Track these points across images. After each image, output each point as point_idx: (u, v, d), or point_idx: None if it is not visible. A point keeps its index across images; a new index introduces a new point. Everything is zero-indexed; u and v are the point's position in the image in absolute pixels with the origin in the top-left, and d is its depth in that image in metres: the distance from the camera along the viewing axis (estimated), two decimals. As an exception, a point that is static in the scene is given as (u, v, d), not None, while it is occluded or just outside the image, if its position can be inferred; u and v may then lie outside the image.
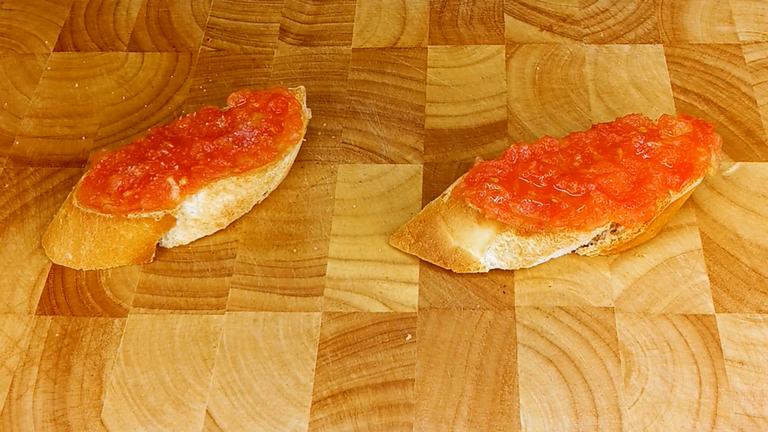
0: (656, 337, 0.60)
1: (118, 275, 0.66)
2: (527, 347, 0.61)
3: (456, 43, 0.79)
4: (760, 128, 0.72)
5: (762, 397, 0.58)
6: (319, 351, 0.61)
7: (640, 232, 0.63)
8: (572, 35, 0.79)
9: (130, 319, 0.63)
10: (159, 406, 0.59)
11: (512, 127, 0.73)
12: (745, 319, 0.61)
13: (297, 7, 0.83)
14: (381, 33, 0.81)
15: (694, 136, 0.64)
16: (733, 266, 0.64)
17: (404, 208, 0.68)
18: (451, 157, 0.71)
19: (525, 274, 0.64)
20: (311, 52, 0.80)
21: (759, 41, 0.78)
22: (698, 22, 0.80)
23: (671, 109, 0.73)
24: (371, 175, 0.70)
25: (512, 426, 0.57)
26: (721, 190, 0.68)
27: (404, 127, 0.73)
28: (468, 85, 0.76)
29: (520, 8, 0.82)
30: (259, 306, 0.63)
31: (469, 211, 0.63)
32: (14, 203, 0.70)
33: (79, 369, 0.61)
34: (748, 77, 0.75)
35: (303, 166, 0.71)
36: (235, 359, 0.61)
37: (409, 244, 0.65)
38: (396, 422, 0.58)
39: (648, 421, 0.57)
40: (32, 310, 0.64)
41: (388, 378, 0.60)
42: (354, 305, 0.63)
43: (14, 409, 0.59)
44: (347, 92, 0.76)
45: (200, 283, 0.65)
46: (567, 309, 0.62)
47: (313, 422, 0.58)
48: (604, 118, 0.73)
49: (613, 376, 0.59)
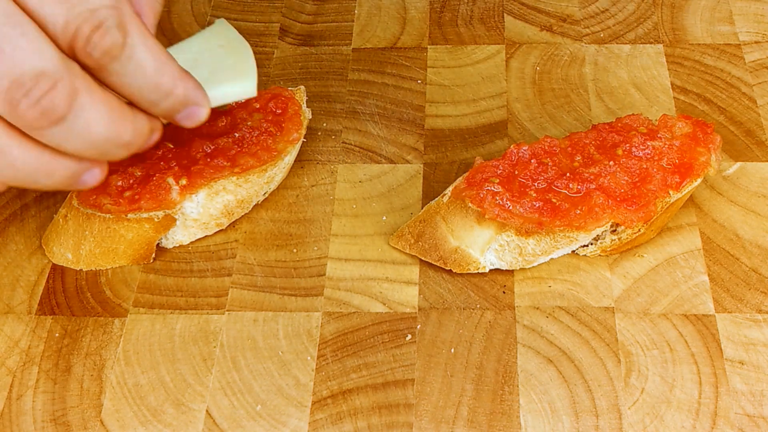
0: (656, 337, 0.60)
1: (118, 275, 0.66)
2: (527, 347, 0.61)
3: (456, 43, 0.79)
4: (760, 128, 0.72)
5: (762, 397, 0.58)
6: (319, 351, 0.61)
7: (640, 232, 0.63)
8: (572, 35, 0.79)
9: (130, 319, 0.63)
10: (159, 406, 0.59)
11: (512, 127, 0.73)
12: (745, 319, 0.61)
13: (297, 7, 0.83)
14: (381, 33, 0.81)
15: (694, 136, 0.64)
16: (733, 266, 0.64)
17: (404, 208, 0.68)
18: (451, 157, 0.71)
19: (525, 274, 0.64)
20: (311, 52, 0.80)
21: (759, 41, 0.78)
22: (698, 22, 0.80)
23: (671, 109, 0.73)
24: (371, 175, 0.70)
25: (512, 426, 0.57)
26: (721, 190, 0.68)
27: (404, 127, 0.73)
28: (468, 85, 0.76)
29: (520, 8, 0.82)
30: (259, 306, 0.63)
31: (469, 211, 0.63)
32: (14, 203, 0.70)
33: (79, 369, 0.61)
34: (748, 77, 0.75)
35: (303, 166, 0.71)
36: (235, 359, 0.61)
37: (409, 244, 0.65)
38: (396, 422, 0.58)
39: (648, 421, 0.57)
40: (32, 310, 0.64)
41: (388, 378, 0.60)
42: (354, 305, 0.63)
43: (14, 409, 0.59)
44: (347, 92, 0.76)
45: (200, 283, 0.65)
46: (567, 309, 0.62)
47: (313, 422, 0.58)
48: (604, 118, 0.73)
49: (613, 376, 0.59)
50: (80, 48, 0.49)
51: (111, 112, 0.50)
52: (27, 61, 0.47)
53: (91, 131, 0.50)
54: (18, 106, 0.47)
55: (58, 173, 0.52)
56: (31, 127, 0.49)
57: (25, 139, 0.50)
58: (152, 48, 0.51)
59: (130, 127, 0.52)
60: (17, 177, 0.51)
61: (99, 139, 0.50)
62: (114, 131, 0.51)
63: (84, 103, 0.49)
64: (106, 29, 0.49)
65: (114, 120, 0.50)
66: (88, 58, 0.49)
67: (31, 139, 0.50)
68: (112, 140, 0.51)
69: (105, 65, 0.50)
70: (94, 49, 0.49)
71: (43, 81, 0.47)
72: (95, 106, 0.49)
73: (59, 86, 0.48)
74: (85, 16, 0.48)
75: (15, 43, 0.47)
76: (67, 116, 0.49)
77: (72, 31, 0.48)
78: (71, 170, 0.52)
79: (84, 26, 0.48)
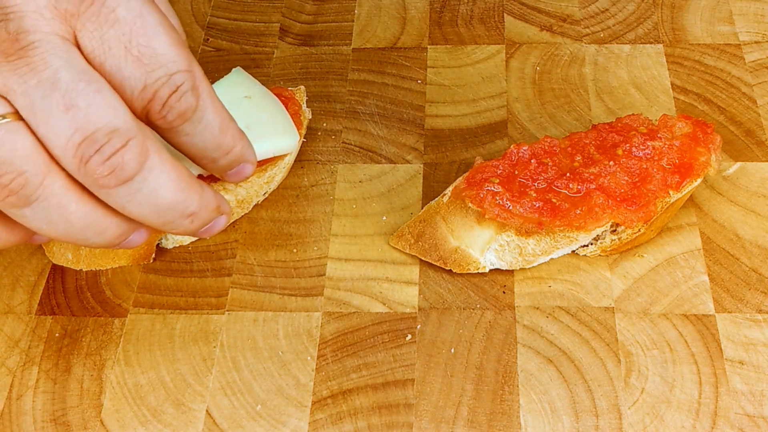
0: (656, 337, 0.60)
1: (118, 275, 0.66)
2: (527, 347, 0.61)
3: (456, 43, 0.79)
4: (760, 128, 0.72)
5: (762, 397, 0.58)
6: (319, 351, 0.61)
7: (640, 232, 0.63)
8: (572, 35, 0.79)
9: (130, 319, 0.63)
10: (159, 406, 0.59)
11: (512, 127, 0.73)
12: (745, 319, 0.61)
13: (297, 7, 0.83)
14: (381, 33, 0.81)
15: (694, 136, 0.64)
16: (733, 266, 0.64)
17: (404, 208, 0.68)
18: (451, 157, 0.71)
19: (525, 274, 0.64)
20: (311, 52, 0.80)
21: (759, 41, 0.78)
22: (698, 22, 0.80)
23: (671, 109, 0.73)
24: (371, 175, 0.70)
25: (512, 426, 0.57)
26: (721, 190, 0.68)
27: (404, 127, 0.73)
28: (468, 85, 0.76)
29: (520, 8, 0.82)
30: (259, 306, 0.63)
31: (469, 211, 0.63)
32: (14, 203, 0.70)
33: (79, 369, 0.61)
34: (748, 77, 0.75)
35: (303, 166, 0.71)
36: (235, 359, 0.61)
37: (409, 244, 0.65)
38: (396, 422, 0.58)
39: (648, 421, 0.57)
40: (32, 310, 0.64)
41: (388, 378, 0.60)
42: (354, 305, 0.63)
43: (14, 409, 0.59)
44: (347, 92, 0.76)
45: (200, 283, 0.65)
46: (567, 309, 0.62)
47: (313, 422, 0.58)
48: (604, 118, 0.73)
49: (613, 376, 0.59)
50: (156, 111, 0.49)
51: (180, 179, 0.50)
52: (101, 118, 0.47)
53: (158, 195, 0.49)
54: (88, 162, 0.47)
55: (109, 231, 0.51)
56: (98, 185, 0.48)
57: (85, 196, 0.49)
58: (218, 109, 0.52)
59: (197, 199, 0.51)
60: (69, 232, 0.50)
61: (165, 204, 0.50)
62: (181, 199, 0.50)
63: (154, 166, 0.49)
64: (182, 93, 0.49)
65: (182, 188, 0.50)
66: (163, 120, 0.50)
67: (91, 197, 0.49)
68: (177, 208, 0.50)
69: (176, 126, 0.50)
70: (170, 111, 0.50)
71: (116, 138, 0.47)
72: (165, 170, 0.49)
73: (131, 144, 0.47)
74: (164, 81, 0.49)
75: (90, 100, 0.47)
76: (136, 177, 0.48)
77: (150, 95, 0.49)
78: (122, 229, 0.51)
79: (162, 90, 0.49)
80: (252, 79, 0.67)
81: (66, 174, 0.48)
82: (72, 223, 0.49)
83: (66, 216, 0.49)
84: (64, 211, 0.49)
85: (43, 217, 0.49)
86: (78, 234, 0.50)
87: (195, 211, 0.52)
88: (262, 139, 0.64)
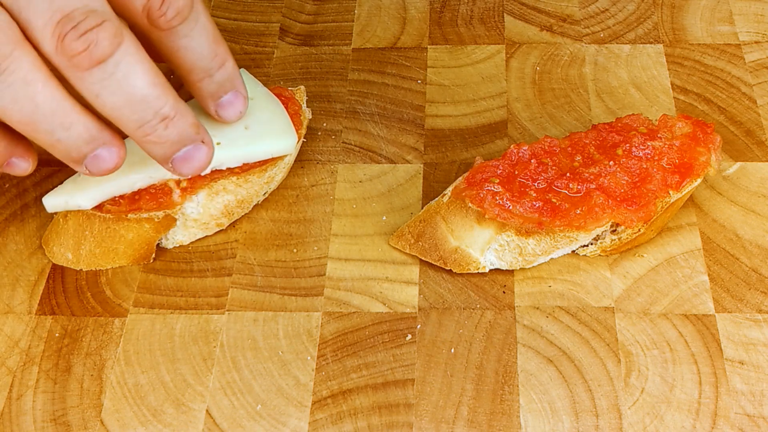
0: (656, 337, 0.60)
1: (118, 275, 0.66)
2: (527, 347, 0.61)
3: (456, 43, 0.79)
4: (760, 128, 0.72)
5: (762, 397, 0.58)
6: (319, 351, 0.61)
7: (640, 232, 0.63)
8: (572, 35, 0.79)
9: (130, 319, 0.63)
10: (159, 406, 0.59)
11: (512, 127, 0.73)
12: (745, 319, 0.61)
13: (297, 7, 0.83)
14: (381, 33, 0.81)
15: (694, 136, 0.64)
16: (733, 266, 0.64)
17: (404, 208, 0.68)
18: (451, 157, 0.71)
19: (525, 274, 0.64)
20: (311, 52, 0.80)
21: (759, 41, 0.78)
22: (698, 22, 0.80)
23: (671, 109, 0.73)
24: (371, 175, 0.70)
25: (512, 426, 0.57)
26: (721, 190, 0.68)
27: (404, 127, 0.73)
28: (468, 85, 0.76)
29: (520, 8, 0.82)
30: (259, 306, 0.63)
31: (469, 211, 0.63)
32: (14, 203, 0.70)
33: (79, 369, 0.61)
34: (748, 77, 0.75)
35: (303, 166, 0.71)
36: (235, 359, 0.61)
37: (409, 244, 0.65)
38: (396, 422, 0.58)
39: (648, 421, 0.57)
40: (32, 310, 0.64)
41: (388, 378, 0.60)
42: (354, 305, 0.63)
43: (14, 409, 0.59)
44: (347, 92, 0.76)
45: (200, 283, 0.65)
46: (567, 309, 0.62)
47: (313, 422, 0.58)
48: (604, 118, 0.73)
49: (613, 376, 0.59)
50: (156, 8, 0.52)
51: (154, 74, 0.52)
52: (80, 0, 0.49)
53: (130, 83, 0.51)
54: (65, 38, 0.49)
55: (75, 129, 0.52)
56: (72, 65, 0.50)
57: (54, 81, 0.51)
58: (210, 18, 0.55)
59: (171, 99, 0.53)
60: (34, 117, 0.51)
61: (138, 95, 0.51)
62: (154, 94, 0.51)
63: (128, 52, 0.50)
64: None
65: (156, 83, 0.52)
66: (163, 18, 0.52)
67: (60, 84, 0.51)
68: (151, 103, 0.52)
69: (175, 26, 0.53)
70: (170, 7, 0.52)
71: (92, 17, 0.49)
72: (139, 59, 0.51)
73: (106, 25, 0.49)
74: None
75: None
76: (109, 59, 0.50)
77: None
78: (90, 133, 0.52)
79: None
80: (252, 79, 0.67)
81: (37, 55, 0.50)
82: (38, 104, 0.50)
83: (32, 95, 0.50)
84: (31, 89, 0.50)
85: (9, 93, 0.50)
86: (44, 122, 0.51)
87: (169, 114, 0.53)
88: (262, 140, 0.64)
